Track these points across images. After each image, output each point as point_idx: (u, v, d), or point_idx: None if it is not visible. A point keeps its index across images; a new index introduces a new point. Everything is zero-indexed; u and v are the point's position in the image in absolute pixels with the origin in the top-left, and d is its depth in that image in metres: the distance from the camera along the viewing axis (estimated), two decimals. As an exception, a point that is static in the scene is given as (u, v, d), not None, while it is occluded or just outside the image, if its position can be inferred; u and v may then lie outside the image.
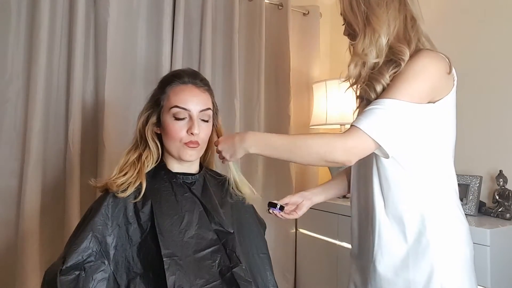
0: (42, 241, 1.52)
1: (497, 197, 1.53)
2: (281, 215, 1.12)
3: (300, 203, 1.15)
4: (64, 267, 0.82)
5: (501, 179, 1.54)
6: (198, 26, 1.97)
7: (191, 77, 0.99)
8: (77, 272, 0.83)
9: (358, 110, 1.06)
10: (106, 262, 0.87)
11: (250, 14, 2.17)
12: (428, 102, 0.89)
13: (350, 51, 1.05)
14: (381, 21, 0.92)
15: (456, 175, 1.66)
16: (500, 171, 1.55)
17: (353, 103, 1.25)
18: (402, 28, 0.95)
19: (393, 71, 0.90)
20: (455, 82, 0.94)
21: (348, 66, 0.98)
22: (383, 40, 0.92)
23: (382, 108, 0.85)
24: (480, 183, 1.57)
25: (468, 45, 1.74)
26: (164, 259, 0.84)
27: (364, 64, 0.95)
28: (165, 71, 1.77)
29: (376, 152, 0.89)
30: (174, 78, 0.99)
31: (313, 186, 2.36)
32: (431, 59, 0.89)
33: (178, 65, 1.82)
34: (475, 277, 0.95)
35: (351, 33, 1.01)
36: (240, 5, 2.08)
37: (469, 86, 1.72)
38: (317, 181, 2.40)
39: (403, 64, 0.89)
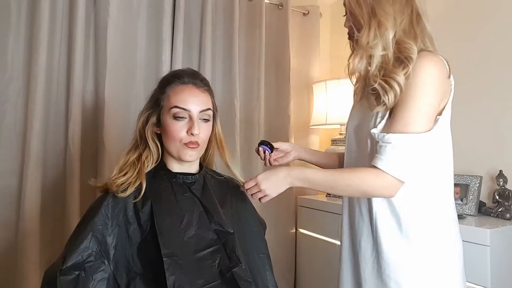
0: (42, 241, 1.52)
1: (497, 197, 1.53)
2: (270, 156, 1.14)
3: (288, 152, 1.18)
4: (64, 267, 0.82)
5: (501, 179, 1.53)
6: (198, 26, 1.97)
7: (191, 77, 0.99)
8: (77, 272, 0.83)
9: (357, 106, 1.06)
10: (106, 262, 0.87)
11: (250, 14, 2.17)
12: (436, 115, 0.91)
13: (350, 45, 1.03)
14: (388, 14, 0.91)
15: (456, 175, 1.67)
16: (500, 171, 1.55)
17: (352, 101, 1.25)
18: (408, 24, 0.93)
19: (404, 71, 0.88)
20: (453, 87, 0.94)
21: (352, 59, 0.95)
22: (390, 34, 0.90)
23: (400, 148, 0.86)
24: (480, 183, 1.57)
25: (468, 45, 1.74)
26: (164, 259, 0.84)
27: (370, 57, 0.92)
28: (165, 71, 1.77)
29: None
30: (174, 78, 0.99)
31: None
32: (435, 65, 0.89)
33: (178, 65, 1.82)
34: (464, 274, 0.98)
35: (354, 24, 0.98)
36: (240, 5, 2.08)
37: (469, 86, 1.72)
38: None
39: (411, 64, 0.88)
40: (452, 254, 0.95)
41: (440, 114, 0.92)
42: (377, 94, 0.92)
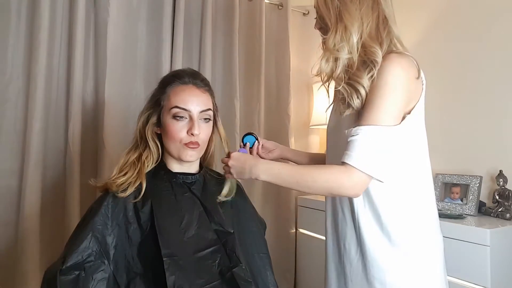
0: (42, 241, 1.52)
1: (497, 197, 1.53)
2: (256, 147, 1.17)
3: (272, 150, 1.21)
4: (64, 267, 0.82)
5: (501, 179, 1.53)
6: (198, 26, 1.97)
7: (191, 77, 0.99)
8: (77, 272, 0.83)
9: (334, 108, 1.07)
10: (106, 262, 0.87)
11: (250, 14, 2.17)
12: (404, 114, 0.90)
13: (322, 46, 1.04)
14: (353, 18, 0.91)
15: (456, 175, 1.67)
16: (500, 171, 1.55)
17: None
18: (374, 27, 0.94)
19: (369, 74, 0.89)
20: (424, 87, 0.94)
21: (320, 60, 0.96)
22: (355, 38, 0.91)
23: (367, 139, 0.85)
24: (480, 183, 1.57)
25: (468, 46, 1.74)
26: (164, 259, 0.84)
27: (336, 60, 0.93)
28: (165, 71, 1.77)
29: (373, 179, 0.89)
30: (175, 78, 0.99)
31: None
32: (401, 67, 0.88)
33: (178, 65, 1.82)
34: (445, 267, 0.99)
35: (322, 27, 1.00)
36: (240, 5, 2.08)
37: (469, 86, 1.72)
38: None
39: (376, 67, 0.88)
40: (433, 249, 0.96)
41: (408, 113, 0.91)
42: (343, 99, 0.93)
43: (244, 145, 1.20)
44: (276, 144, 1.23)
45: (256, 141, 1.19)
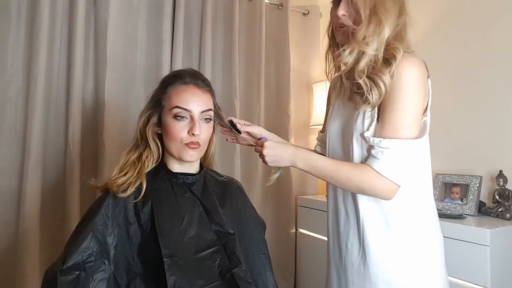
0: (42, 241, 1.52)
1: (497, 197, 1.53)
2: (235, 136, 1.11)
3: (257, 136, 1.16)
4: (64, 267, 0.82)
5: (501, 179, 1.53)
6: (198, 26, 1.97)
7: (192, 77, 0.99)
8: (77, 272, 0.83)
9: (343, 109, 1.05)
10: (106, 262, 0.87)
11: (250, 14, 2.17)
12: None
13: (328, 34, 1.05)
14: (389, 13, 0.90)
15: (456, 175, 1.67)
16: (500, 171, 1.55)
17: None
18: (400, 29, 0.94)
19: (390, 72, 0.89)
20: (430, 87, 0.95)
21: (343, 50, 0.92)
22: (387, 33, 0.90)
23: (398, 154, 0.88)
24: (480, 183, 1.57)
25: (468, 45, 1.74)
26: (164, 259, 0.84)
27: (362, 54, 0.90)
28: (165, 71, 1.77)
29: None
30: (176, 78, 0.99)
31: (312, 183, 2.39)
32: (416, 65, 0.89)
33: (178, 65, 1.82)
34: (445, 265, 1.00)
35: (352, 16, 0.95)
36: (240, 5, 2.08)
37: (469, 86, 1.72)
38: (316, 179, 2.40)
39: (394, 62, 0.88)
40: (436, 249, 0.97)
41: (424, 113, 0.93)
42: (362, 93, 0.92)
43: (236, 130, 1.11)
44: (262, 130, 1.16)
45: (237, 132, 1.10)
